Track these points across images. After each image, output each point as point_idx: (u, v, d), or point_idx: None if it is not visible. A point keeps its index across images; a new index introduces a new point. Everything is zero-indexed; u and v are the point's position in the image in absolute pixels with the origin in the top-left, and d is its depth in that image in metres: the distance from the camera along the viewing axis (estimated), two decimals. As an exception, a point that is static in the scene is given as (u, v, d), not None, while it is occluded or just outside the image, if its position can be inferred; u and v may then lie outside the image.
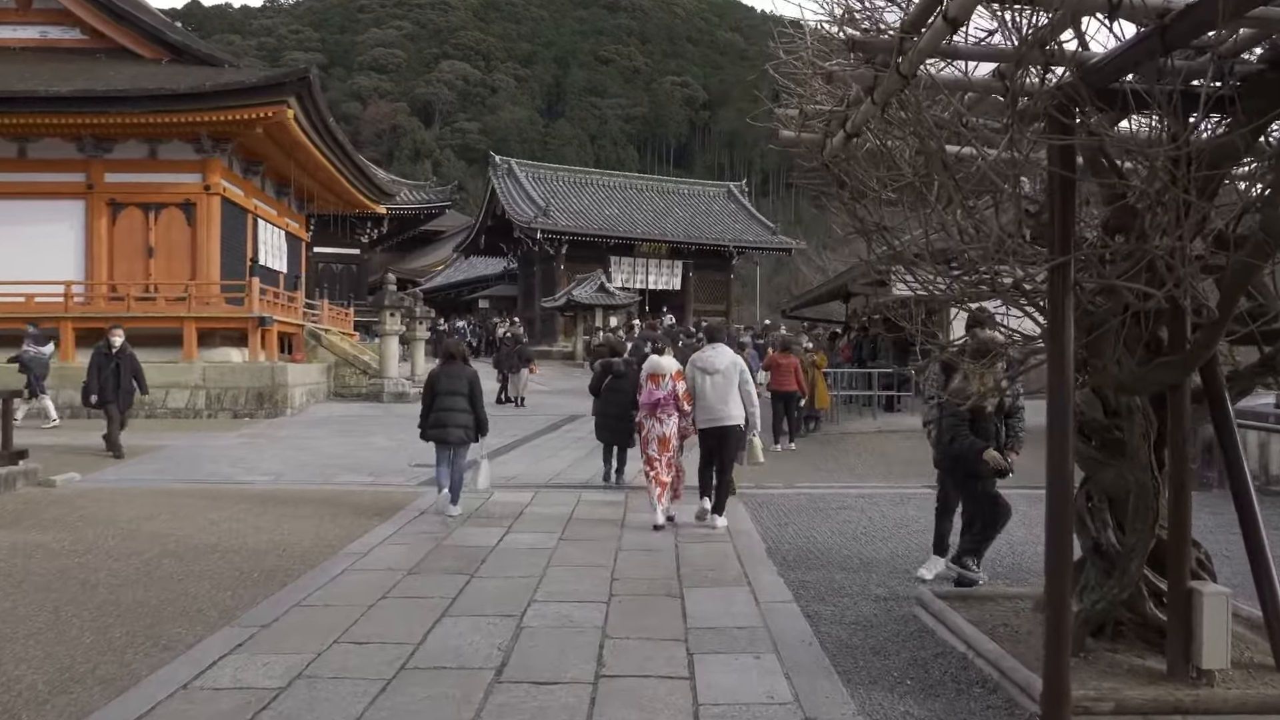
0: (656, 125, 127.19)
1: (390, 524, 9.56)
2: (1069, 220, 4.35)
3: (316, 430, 18.26)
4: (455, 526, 9.38)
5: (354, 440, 16.85)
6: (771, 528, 9.55)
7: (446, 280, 61.83)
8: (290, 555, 8.19)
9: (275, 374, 21.31)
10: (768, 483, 12.66)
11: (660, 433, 9.61)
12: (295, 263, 30.10)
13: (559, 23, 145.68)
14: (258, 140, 23.28)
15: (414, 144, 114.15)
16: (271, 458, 14.62)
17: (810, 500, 11.26)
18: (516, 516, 9.95)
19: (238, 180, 24.72)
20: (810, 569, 7.79)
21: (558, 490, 11.88)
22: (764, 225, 50.15)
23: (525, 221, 42.19)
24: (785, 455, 15.62)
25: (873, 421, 18.39)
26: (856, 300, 26.04)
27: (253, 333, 22.06)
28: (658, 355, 10.30)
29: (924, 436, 15.93)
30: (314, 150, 23.98)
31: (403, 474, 13.20)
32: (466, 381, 10.29)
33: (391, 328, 24.83)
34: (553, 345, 42.73)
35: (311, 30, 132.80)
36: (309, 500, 10.99)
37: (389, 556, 8.09)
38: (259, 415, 20.70)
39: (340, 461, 14.32)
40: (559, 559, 8.00)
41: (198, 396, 20.94)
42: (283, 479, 12.69)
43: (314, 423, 19.61)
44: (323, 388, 24.65)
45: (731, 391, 9.61)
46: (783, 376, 16.17)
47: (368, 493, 11.58)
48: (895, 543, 8.95)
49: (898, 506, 10.89)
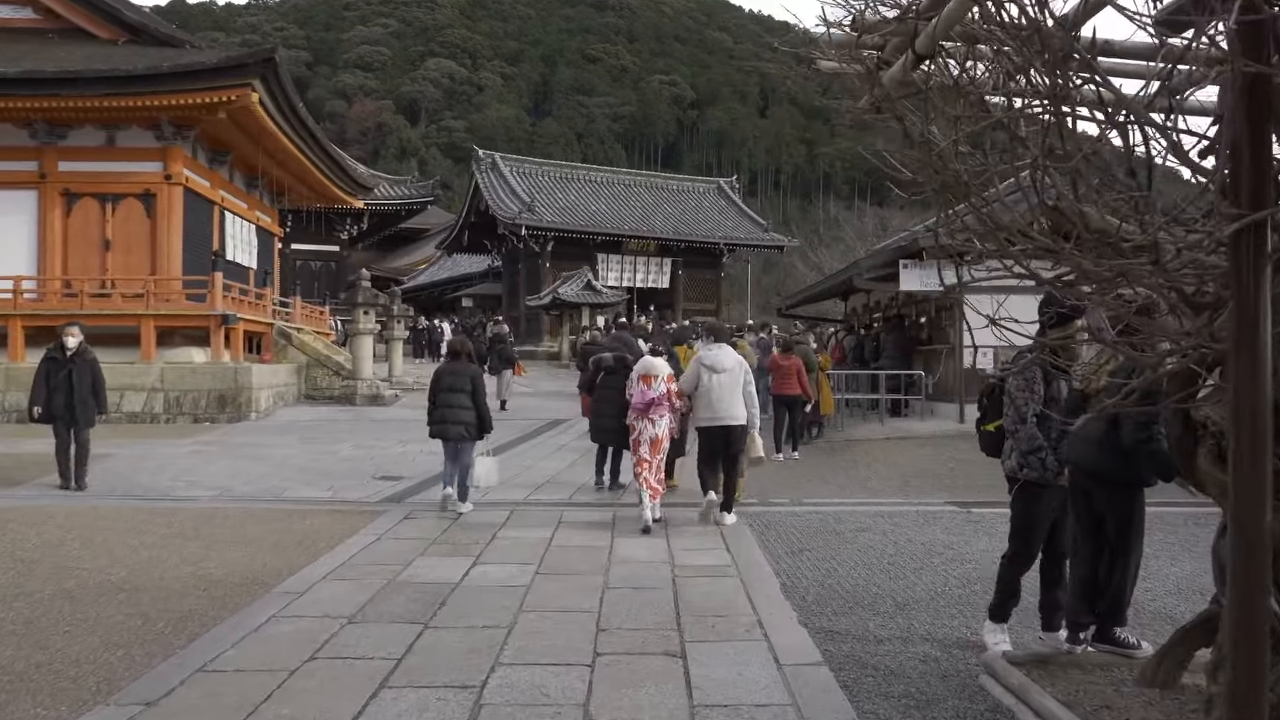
0: (644, 124, 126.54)
1: (341, 550, 8.21)
2: (1266, 162, 3.01)
3: (279, 436, 16.88)
4: (414, 557, 8.02)
5: (317, 448, 15.47)
6: (784, 556, 8.22)
7: (430, 279, 60.40)
8: (213, 595, 6.83)
9: (239, 375, 19.91)
10: (774, 498, 11.38)
11: (652, 434, 9.48)
12: (266, 258, 28.67)
13: (546, 21, 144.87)
14: (223, 127, 21.88)
15: (400, 142, 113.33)
16: (222, 468, 13.23)
17: (823, 520, 9.94)
18: (488, 542, 8.60)
19: (202, 170, 23.31)
20: (837, 613, 6.48)
21: (537, 508, 10.54)
22: (755, 222, 48.92)
23: (509, 217, 40.82)
24: (789, 466, 14.31)
25: (880, 427, 17.10)
26: (856, 298, 24.75)
27: (215, 331, 20.65)
28: (652, 356, 10.11)
29: (938, 445, 14.65)
30: (283, 138, 22.60)
31: (366, 487, 11.86)
32: (469, 379, 10.35)
33: (365, 326, 23.44)
34: (538, 345, 41.38)
35: (296, 28, 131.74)
36: (254, 520, 9.63)
37: (330, 596, 6.74)
38: (221, 420, 19.32)
39: (298, 473, 12.96)
40: (534, 600, 6.66)
41: (155, 400, 19.55)
42: (229, 494, 11.33)
43: (278, 428, 18.21)
44: (292, 390, 23.24)
45: (737, 391, 9.49)
46: (785, 379, 14.84)
47: (322, 511, 10.21)
48: (930, 575, 7.63)
49: (923, 528, 9.58)
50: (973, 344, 16.31)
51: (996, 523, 9.77)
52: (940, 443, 15.85)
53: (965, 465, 14.20)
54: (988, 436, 6.07)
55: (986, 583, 7.21)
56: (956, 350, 17.27)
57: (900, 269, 16.95)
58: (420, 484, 12.15)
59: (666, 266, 45.82)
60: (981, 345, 17.15)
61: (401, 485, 12.02)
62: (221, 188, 24.50)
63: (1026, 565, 5.81)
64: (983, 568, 7.77)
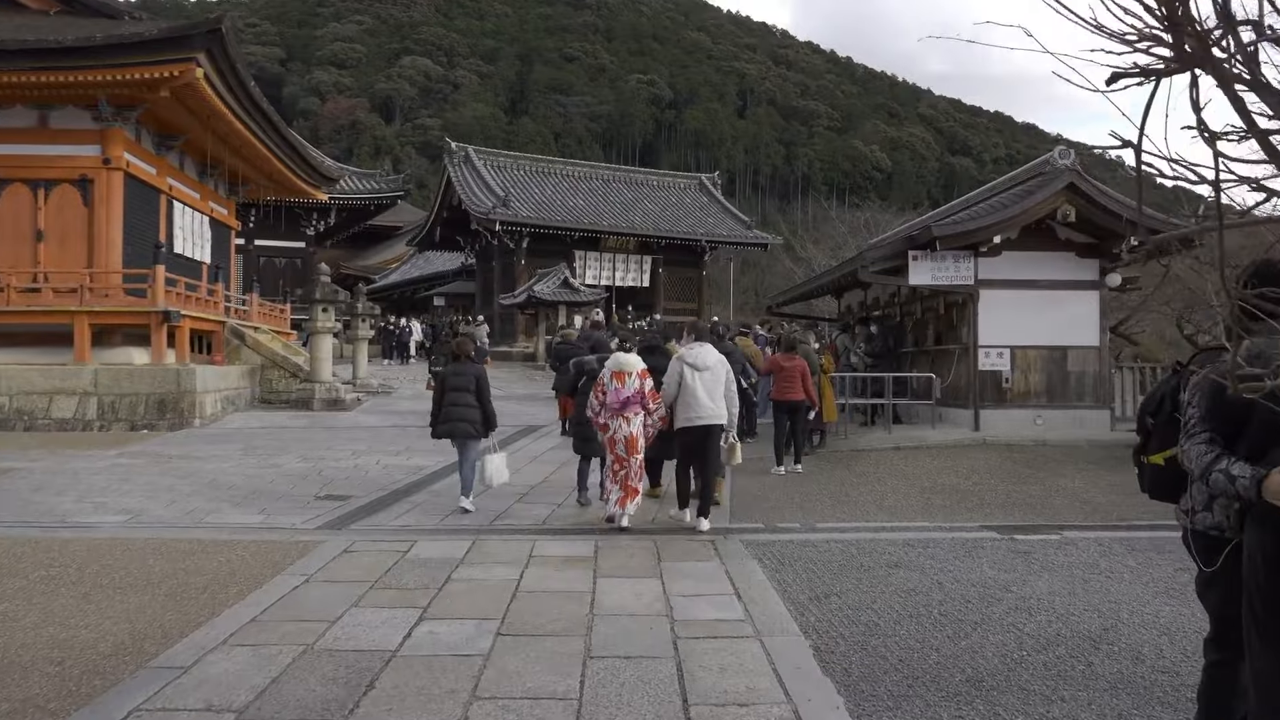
0: (622, 124, 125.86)
1: (255, 599, 6.54)
2: None
3: (220, 446, 15.12)
4: (345, 609, 6.33)
5: (259, 460, 13.73)
6: (808, 605, 6.60)
7: (402, 277, 58.48)
8: (67, 673, 5.14)
9: (181, 378, 18.15)
10: (782, 522, 9.77)
11: (627, 433, 9.11)
12: (221, 253, 26.81)
13: (523, 19, 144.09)
14: (168, 107, 20.10)
15: (374, 140, 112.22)
16: (142, 486, 11.47)
17: (845, 552, 8.32)
18: (442, 585, 6.93)
19: (147, 156, 21.49)
20: (895, 697, 4.85)
21: (504, 537, 8.86)
22: (738, 219, 47.35)
23: (483, 212, 38.99)
24: (793, 480, 12.67)
25: (886, 436, 15.50)
26: (852, 295, 23.14)
27: (156, 330, 18.87)
28: (623, 352, 9.58)
29: (953, 455, 13.02)
30: (234, 121, 20.81)
31: (305, 510, 10.13)
32: (473, 378, 10.52)
33: (324, 325, 21.71)
34: (513, 346, 39.66)
35: (269, 24, 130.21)
36: (159, 556, 7.92)
37: (223, 674, 5.06)
38: (161, 427, 17.57)
39: (229, 492, 11.22)
40: (493, 680, 4.99)
41: (88, 405, 17.77)
42: (140, 520, 9.58)
43: (221, 436, 16.46)
44: (244, 394, 21.47)
45: (719, 389, 9.28)
46: (788, 383, 13.22)
47: (245, 544, 8.48)
48: (998, 632, 6.02)
49: (966, 561, 7.98)
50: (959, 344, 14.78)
51: (1049, 553, 8.26)
52: (955, 453, 14.29)
53: (988, 479, 12.67)
54: (1157, 473, 4.21)
55: (1073, 644, 5.72)
56: (971, 351, 15.71)
57: (909, 261, 15.39)
58: (370, 505, 10.46)
59: (646, 265, 44.15)
60: (996, 345, 15.65)
61: (348, 507, 10.32)
62: (170, 175, 22.68)
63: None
64: (1060, 621, 6.22)
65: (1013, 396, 15.70)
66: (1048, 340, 15.75)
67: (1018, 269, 15.63)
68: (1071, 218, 14.78)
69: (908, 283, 15.70)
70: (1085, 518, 10.41)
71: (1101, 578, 7.50)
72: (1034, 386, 15.73)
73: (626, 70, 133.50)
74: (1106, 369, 15.94)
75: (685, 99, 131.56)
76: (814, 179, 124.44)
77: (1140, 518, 10.38)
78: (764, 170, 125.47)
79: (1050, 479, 12.78)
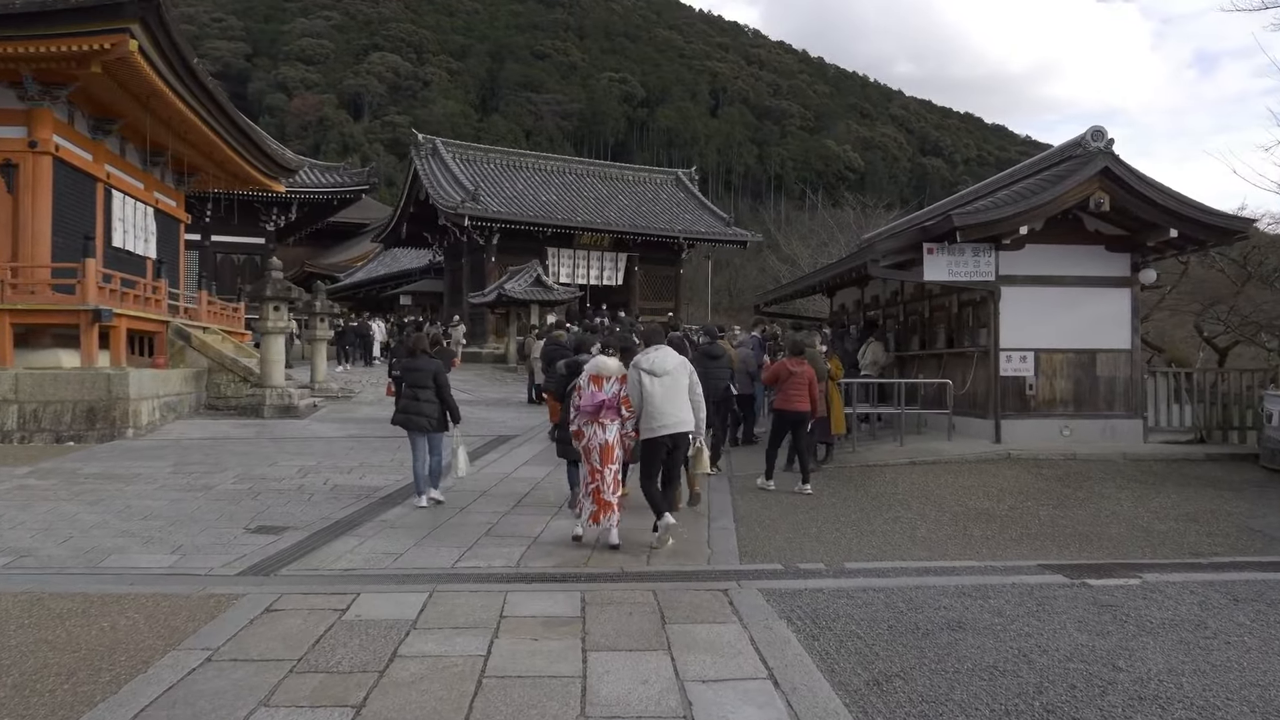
0: (594, 122, 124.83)
1: (124, 700, 4.85)
2: None
3: (148, 462, 13.32)
4: (248, 713, 4.67)
5: (189, 480, 11.94)
6: (867, 694, 5.00)
7: (368, 275, 56.53)
8: None
9: (112, 384, 16.32)
10: (804, 561, 8.18)
11: (603, 439, 8.54)
12: (169, 247, 24.89)
13: (494, 16, 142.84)
14: (102, 86, 18.20)
15: (342, 137, 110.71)
16: (40, 516, 9.67)
17: (890, 604, 6.73)
18: (384, 668, 5.28)
19: (82, 140, 19.60)
20: None
21: (469, 587, 7.16)
22: (716, 215, 45.77)
23: (451, 207, 37.16)
24: (803, 502, 11.05)
25: (898, 449, 13.90)
26: (846, 293, 21.58)
27: (87, 330, 17.01)
28: (603, 355, 9.16)
29: (977, 472, 11.72)
30: (176, 101, 18.91)
31: (229, 547, 8.40)
32: (430, 374, 10.55)
33: (275, 324, 19.89)
34: (482, 347, 37.88)
35: (235, 19, 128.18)
36: (23, 621, 6.21)
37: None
38: (89, 438, 15.77)
39: (143, 522, 9.44)
40: None
41: (7, 414, 15.93)
42: (21, 564, 7.79)
43: (153, 449, 14.65)
44: (188, 400, 19.64)
45: (682, 394, 8.72)
46: (796, 391, 11.63)
47: (143, 599, 6.75)
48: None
49: (1042, 620, 6.42)
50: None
51: (1139, 608, 6.74)
52: (979, 470, 12.73)
53: (1024, 501, 11.13)
54: None
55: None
56: (991, 354, 14.16)
57: (923, 255, 13.82)
58: (310, 539, 8.74)
59: (622, 262, 42.45)
60: (1019, 348, 14.12)
61: (282, 542, 8.60)
62: (108, 162, 20.78)
63: None
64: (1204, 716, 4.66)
65: (1037, 405, 14.15)
66: (1074, 343, 14.22)
67: (1042, 264, 14.09)
68: (1106, 206, 13.25)
69: (921, 279, 14.10)
70: (1154, 552, 8.88)
71: (1220, 644, 5.96)
72: (1060, 394, 14.20)
73: (598, 68, 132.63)
74: (1139, 374, 14.42)
75: (658, 97, 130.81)
76: (787, 178, 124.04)
77: (1216, 551, 8.93)
78: (737, 169, 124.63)
79: (1093, 501, 11.25)
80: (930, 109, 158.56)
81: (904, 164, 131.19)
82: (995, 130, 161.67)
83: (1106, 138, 13.47)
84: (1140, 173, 13.37)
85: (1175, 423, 14.77)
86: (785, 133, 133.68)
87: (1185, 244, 14.24)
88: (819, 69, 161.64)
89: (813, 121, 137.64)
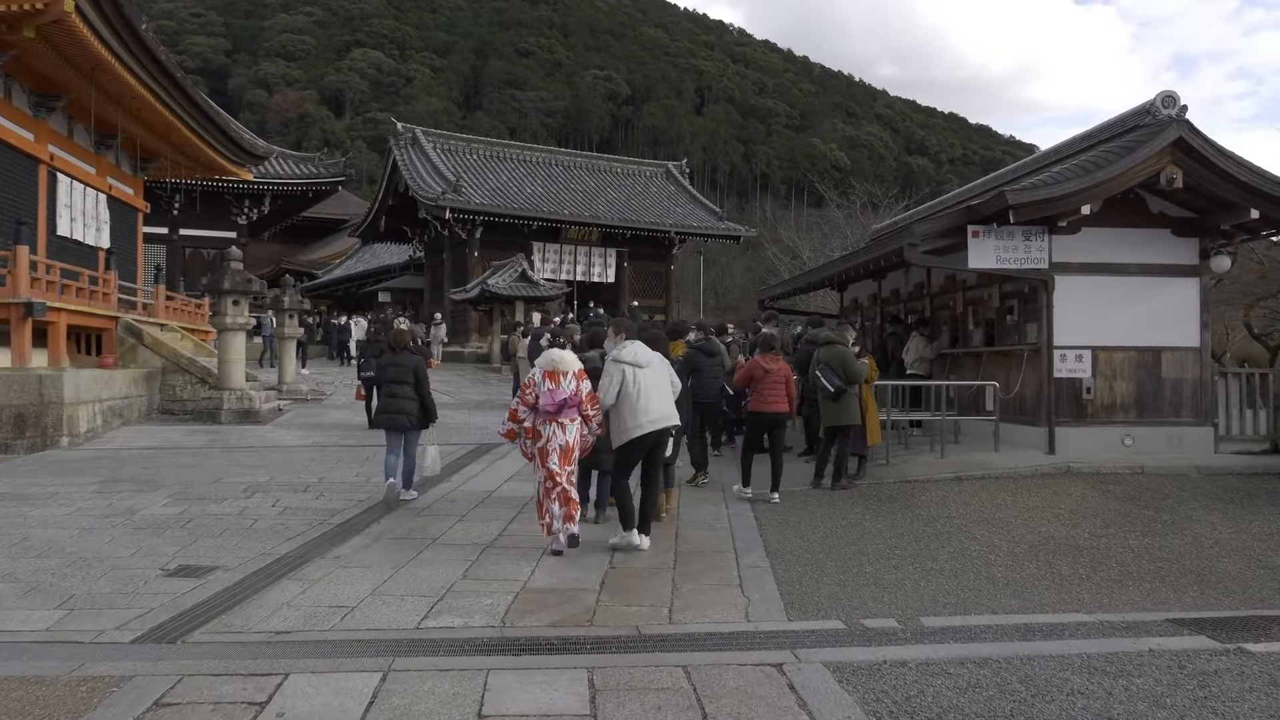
0: (578, 119, 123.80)
1: None
2: None
3: (72, 479, 11.40)
4: None
5: (111, 502, 10.02)
6: None
7: (347, 272, 54.57)
8: None
9: (45, 386, 14.45)
10: (866, 614, 6.39)
11: (563, 440, 8.00)
12: (125, 238, 22.94)
13: (477, 12, 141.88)
14: (40, 55, 16.25)
15: (323, 134, 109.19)
16: (-89, 552, 7.83)
17: (1001, 684, 4.94)
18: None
19: (21, 117, 17.66)
20: None
21: (436, 661, 5.29)
22: (708, 210, 44.02)
23: (432, 199, 35.27)
24: (847, 532, 9.19)
25: (939, 460, 12.12)
26: (859, 288, 19.80)
27: (17, 326, 15.13)
28: (558, 349, 8.46)
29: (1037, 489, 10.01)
30: (124, 74, 16.98)
31: (135, 599, 6.54)
32: (411, 370, 10.29)
33: (234, 320, 18.00)
34: (465, 346, 36.02)
35: (215, 14, 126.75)
36: None
37: None
38: (17, 448, 13.91)
39: (38, 562, 7.53)
40: None
41: (-77, 421, 14.03)
42: None
43: (84, 463, 12.73)
44: (138, 403, 17.75)
45: (665, 387, 8.31)
46: (771, 391, 10.27)
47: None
48: None
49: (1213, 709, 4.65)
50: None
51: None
52: (1038, 486, 10.98)
53: (1104, 526, 9.38)
54: None
55: None
56: (1043, 353, 12.39)
57: (968, 239, 12.06)
58: (238, 585, 6.88)
59: (611, 258, 40.64)
60: (1075, 346, 12.38)
61: (204, 590, 6.74)
62: (53, 143, 18.86)
63: None
64: None
65: (1094, 410, 12.39)
66: (1136, 339, 12.46)
67: (1100, 249, 12.34)
68: (1178, 183, 11.50)
69: (965, 266, 12.33)
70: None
71: None
72: (1121, 398, 12.45)
73: (583, 66, 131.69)
74: (1208, 375, 12.68)
75: (643, 95, 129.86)
76: (773, 177, 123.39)
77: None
78: (722, 168, 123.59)
79: (1183, 525, 9.52)
80: (915, 109, 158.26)
81: (890, 163, 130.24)
82: (980, 130, 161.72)
83: (1179, 104, 11.75)
84: (1218, 144, 11.64)
85: (1248, 430, 13.04)
86: (771, 131, 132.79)
87: (1263, 227, 12.55)
88: (804, 68, 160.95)
89: (798, 120, 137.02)
